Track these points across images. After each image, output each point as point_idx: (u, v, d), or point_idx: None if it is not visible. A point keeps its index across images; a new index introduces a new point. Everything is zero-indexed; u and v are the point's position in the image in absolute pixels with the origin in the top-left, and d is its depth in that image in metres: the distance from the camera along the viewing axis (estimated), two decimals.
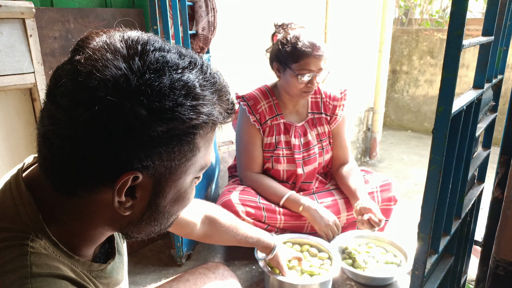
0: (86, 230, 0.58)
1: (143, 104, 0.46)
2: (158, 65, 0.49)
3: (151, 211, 0.57)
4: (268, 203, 1.63)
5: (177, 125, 0.49)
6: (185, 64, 0.51)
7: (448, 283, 1.06)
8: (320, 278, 1.33)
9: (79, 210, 0.55)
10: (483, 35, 0.94)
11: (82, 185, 0.52)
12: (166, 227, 0.64)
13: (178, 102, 0.48)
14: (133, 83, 0.46)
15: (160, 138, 0.49)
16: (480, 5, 4.89)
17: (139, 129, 0.47)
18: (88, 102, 0.46)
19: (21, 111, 1.28)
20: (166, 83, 0.48)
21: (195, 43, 1.83)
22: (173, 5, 1.57)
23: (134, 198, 0.54)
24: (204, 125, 0.53)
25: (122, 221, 0.57)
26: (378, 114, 3.53)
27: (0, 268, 0.48)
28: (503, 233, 0.80)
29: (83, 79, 0.46)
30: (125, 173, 0.50)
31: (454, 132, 0.81)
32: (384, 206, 1.69)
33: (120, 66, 0.47)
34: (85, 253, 0.61)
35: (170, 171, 0.53)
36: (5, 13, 1.13)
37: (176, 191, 0.57)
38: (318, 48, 1.54)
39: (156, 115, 0.47)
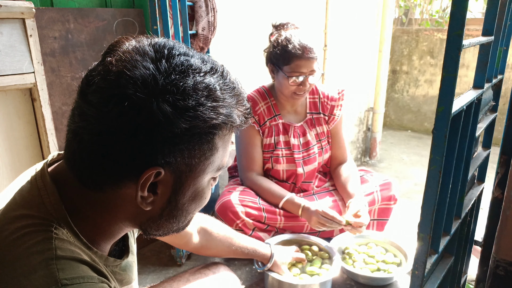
0: (107, 224, 0.60)
1: (168, 102, 0.50)
2: (183, 67, 0.53)
3: (170, 207, 0.59)
4: (268, 204, 1.63)
5: (198, 123, 0.52)
6: (207, 69, 0.55)
7: (448, 283, 1.06)
8: (320, 278, 1.33)
9: (102, 204, 0.57)
10: (483, 35, 0.94)
11: (108, 178, 0.54)
12: (184, 225, 0.66)
13: (200, 102, 0.52)
14: (160, 82, 0.50)
15: (183, 135, 0.52)
16: (480, 5, 4.89)
17: (163, 125, 0.50)
18: (117, 98, 0.50)
19: (21, 111, 1.28)
20: (190, 84, 0.52)
21: (195, 43, 1.83)
22: (173, 5, 1.57)
23: (155, 194, 0.56)
24: (223, 126, 0.56)
25: (142, 217, 0.60)
26: (378, 114, 3.53)
27: (27, 249, 0.51)
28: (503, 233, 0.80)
29: (114, 77, 0.50)
30: (149, 169, 0.52)
31: (454, 132, 0.81)
32: (384, 205, 1.69)
33: (149, 66, 0.51)
34: (103, 247, 0.63)
35: (190, 169, 0.56)
36: (5, 13, 1.13)
37: (194, 189, 0.60)
38: (308, 50, 1.53)
39: (180, 113, 0.51)
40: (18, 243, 0.52)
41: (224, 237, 1.15)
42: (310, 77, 1.57)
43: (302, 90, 1.59)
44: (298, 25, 1.70)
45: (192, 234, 1.05)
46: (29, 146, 1.31)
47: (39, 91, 1.26)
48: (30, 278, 0.48)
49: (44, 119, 1.29)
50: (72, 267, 0.51)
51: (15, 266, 0.50)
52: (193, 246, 1.08)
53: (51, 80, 1.58)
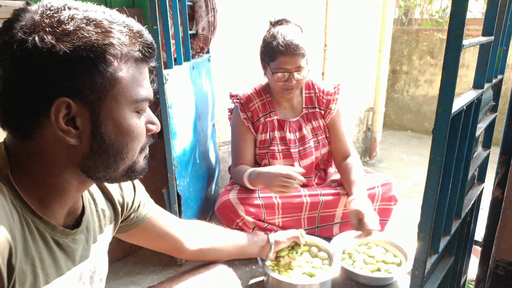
0: (50, 176, 0.63)
1: (47, 32, 0.56)
2: (59, 6, 0.59)
3: (97, 141, 0.62)
4: (266, 197, 1.62)
5: (83, 45, 0.56)
6: (89, 8, 0.60)
7: (448, 283, 1.06)
8: (320, 278, 1.33)
9: (37, 153, 0.61)
10: (483, 35, 0.94)
11: (27, 121, 0.59)
12: (128, 166, 0.68)
13: (80, 27, 0.57)
14: (37, 18, 0.57)
15: (72, 59, 0.56)
16: (480, 5, 4.89)
17: (49, 52, 0.55)
18: (7, 43, 0.56)
19: None
20: (65, 14, 0.57)
21: (195, 43, 1.83)
22: (173, 5, 1.57)
23: (77, 128, 0.60)
24: (118, 52, 0.59)
25: (76, 157, 0.63)
26: (378, 114, 3.53)
27: None
28: (503, 233, 0.80)
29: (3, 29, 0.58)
30: (55, 100, 0.57)
31: (454, 132, 0.81)
32: (384, 205, 1.69)
33: (30, 14, 0.58)
34: (56, 212, 0.66)
35: (99, 98, 0.60)
36: (5, 13, 1.13)
37: (114, 120, 0.62)
38: (293, 47, 1.53)
39: (60, 37, 0.56)
40: None
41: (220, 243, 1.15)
42: (296, 73, 1.57)
43: (289, 86, 1.59)
44: (298, 24, 1.71)
45: (182, 241, 1.05)
46: None
47: None
48: None
49: None
50: None
51: None
52: (187, 254, 1.08)
53: None
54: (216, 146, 2.16)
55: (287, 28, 1.61)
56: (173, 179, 1.55)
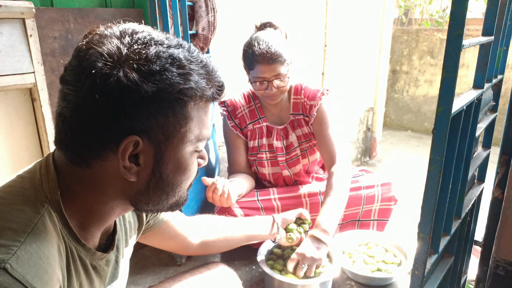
0: (97, 203, 0.62)
1: (133, 68, 0.54)
2: (145, 40, 0.57)
3: (155, 179, 0.62)
4: (265, 200, 1.62)
5: (165, 87, 0.55)
6: (171, 43, 0.59)
7: (448, 283, 1.06)
8: (320, 278, 1.33)
9: (91, 180, 0.60)
10: (483, 35, 0.94)
11: (91, 151, 0.58)
12: (175, 201, 0.68)
13: (165, 68, 0.55)
14: (124, 52, 0.55)
15: (152, 100, 0.55)
16: (480, 5, 4.88)
17: (131, 90, 0.54)
18: (88, 72, 0.54)
19: (21, 111, 1.28)
20: (152, 52, 0.56)
21: (195, 43, 1.83)
22: (173, 5, 1.57)
23: (138, 165, 0.59)
24: (194, 94, 0.59)
25: (130, 191, 0.62)
26: (378, 114, 3.53)
27: (12, 208, 0.55)
28: (503, 233, 0.80)
29: (83, 54, 0.55)
30: (126, 137, 0.56)
31: (454, 132, 0.81)
32: (384, 205, 1.69)
33: (114, 42, 0.56)
34: (93, 234, 0.66)
35: (167, 138, 0.59)
36: (5, 13, 1.13)
37: (176, 160, 0.62)
38: (269, 55, 1.45)
39: (145, 77, 0.54)
40: (8, 201, 0.56)
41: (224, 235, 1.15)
42: (276, 81, 1.50)
43: (270, 94, 1.53)
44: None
45: (186, 237, 1.05)
46: (29, 146, 1.31)
47: (39, 91, 1.26)
48: None
49: (44, 119, 1.29)
50: (39, 247, 0.53)
51: None
52: (193, 249, 1.08)
53: (51, 80, 1.58)
54: (216, 146, 2.16)
55: (267, 34, 1.52)
56: None
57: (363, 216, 1.70)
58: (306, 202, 1.64)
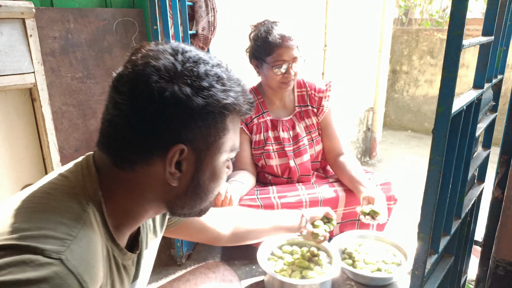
0: (135, 204, 0.67)
1: (187, 84, 0.60)
2: (195, 59, 0.63)
3: (194, 185, 0.67)
4: (265, 198, 1.62)
5: (212, 102, 0.61)
6: (214, 63, 0.65)
7: (448, 283, 1.06)
8: (320, 278, 1.33)
9: (133, 183, 0.64)
10: (483, 35, 0.94)
11: (140, 156, 0.62)
12: (205, 206, 0.73)
13: (212, 84, 0.62)
14: (179, 68, 0.61)
15: (200, 113, 0.61)
16: (480, 5, 4.89)
17: (184, 103, 0.59)
18: (145, 84, 0.59)
19: (21, 111, 1.28)
20: (202, 70, 0.62)
21: (195, 43, 1.83)
22: (173, 5, 1.57)
23: (181, 171, 0.64)
24: (233, 109, 0.64)
25: (169, 195, 0.67)
26: (378, 114, 3.53)
27: (62, 204, 0.59)
28: (503, 233, 0.80)
29: (141, 68, 0.60)
30: (175, 145, 0.61)
31: (454, 132, 0.81)
32: None
33: (169, 58, 0.61)
34: (125, 235, 0.69)
35: (208, 147, 0.64)
36: (5, 13, 1.13)
37: (212, 168, 0.67)
38: (288, 38, 1.58)
39: (197, 92, 0.60)
40: (56, 197, 0.60)
41: (254, 226, 1.18)
42: (293, 64, 1.60)
43: (288, 78, 1.62)
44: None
45: (215, 229, 1.08)
46: (29, 146, 1.31)
47: (39, 91, 1.26)
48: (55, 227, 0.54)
49: (44, 119, 1.29)
50: (88, 242, 0.56)
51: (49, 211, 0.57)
52: (224, 240, 1.12)
53: (51, 80, 1.58)
54: None
55: (276, 23, 1.65)
56: None
57: None
58: (306, 201, 1.64)
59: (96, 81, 1.71)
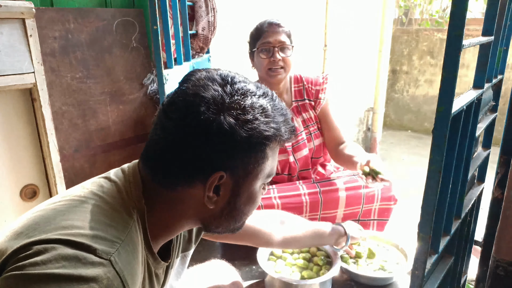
0: (173, 219, 0.70)
1: (233, 116, 0.62)
2: (243, 91, 0.65)
3: (229, 208, 0.70)
4: (265, 198, 1.62)
5: (255, 134, 0.63)
6: (261, 93, 0.68)
7: (448, 283, 1.06)
8: (320, 278, 1.33)
9: (173, 201, 0.68)
10: (483, 35, 0.94)
11: (182, 179, 0.65)
12: (239, 225, 0.76)
13: (256, 117, 0.64)
14: (226, 101, 0.63)
15: (243, 144, 0.63)
16: (480, 5, 4.89)
17: (229, 134, 0.62)
18: (194, 114, 0.62)
19: (21, 111, 1.28)
20: (248, 103, 0.64)
21: (195, 43, 1.83)
22: (173, 5, 1.57)
23: (218, 195, 0.67)
24: (273, 138, 0.66)
25: (205, 215, 0.70)
26: (378, 114, 3.53)
27: (111, 207, 0.62)
28: (503, 233, 0.80)
29: (191, 98, 0.63)
30: (216, 172, 0.63)
31: (454, 132, 0.81)
32: (384, 205, 1.69)
33: (217, 89, 0.64)
34: (159, 245, 0.73)
35: (246, 175, 0.67)
36: (5, 13, 1.13)
37: (249, 193, 0.70)
38: (275, 24, 1.66)
39: (241, 125, 0.63)
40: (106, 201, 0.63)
41: (300, 233, 1.22)
42: (281, 49, 1.64)
43: (275, 64, 1.64)
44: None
45: (271, 234, 1.13)
46: (29, 146, 1.31)
47: (39, 91, 1.26)
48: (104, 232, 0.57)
49: (44, 119, 1.29)
50: (129, 253, 0.59)
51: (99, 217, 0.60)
52: (274, 245, 1.17)
53: (51, 80, 1.58)
54: None
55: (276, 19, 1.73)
56: None
57: (363, 216, 1.70)
58: (306, 201, 1.64)
59: (96, 81, 1.71)
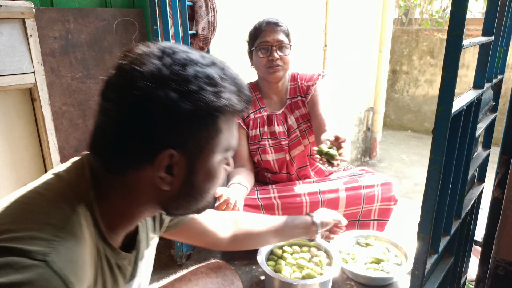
0: (129, 206, 0.66)
1: (173, 89, 0.57)
2: (185, 61, 0.60)
3: (187, 187, 0.65)
4: (265, 198, 1.62)
5: (202, 106, 0.58)
6: (207, 62, 0.62)
7: (448, 283, 1.06)
8: (320, 278, 1.33)
9: (125, 187, 0.64)
10: (483, 35, 0.94)
11: (129, 162, 0.61)
12: (203, 205, 0.72)
13: (201, 87, 0.59)
14: (165, 73, 0.58)
15: (189, 118, 0.58)
16: (480, 5, 4.89)
17: (171, 109, 0.57)
18: (130, 91, 0.57)
19: (21, 111, 1.28)
20: (191, 73, 0.59)
21: (195, 43, 1.83)
22: (173, 5, 1.57)
23: (172, 175, 0.62)
24: (225, 110, 0.61)
25: (162, 198, 0.66)
26: (378, 114, 3.53)
27: (51, 205, 0.59)
28: (503, 233, 0.80)
29: (126, 74, 0.59)
30: (163, 151, 0.59)
31: (454, 132, 0.81)
32: (384, 206, 1.69)
33: (155, 62, 0.59)
34: (119, 235, 0.69)
35: (200, 150, 0.63)
36: (5, 13, 1.13)
37: (206, 169, 0.65)
38: (273, 23, 1.67)
39: (184, 97, 0.57)
40: (46, 197, 0.60)
41: (256, 228, 1.14)
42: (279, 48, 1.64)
43: (273, 62, 1.64)
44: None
45: (216, 233, 1.06)
46: (29, 146, 1.31)
47: (39, 91, 1.26)
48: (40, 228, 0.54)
49: (44, 119, 1.29)
50: (74, 244, 0.56)
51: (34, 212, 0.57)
52: (224, 245, 1.09)
53: (51, 80, 1.58)
54: None
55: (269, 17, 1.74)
56: None
57: (363, 216, 1.70)
58: (306, 201, 1.64)
59: (96, 81, 1.71)
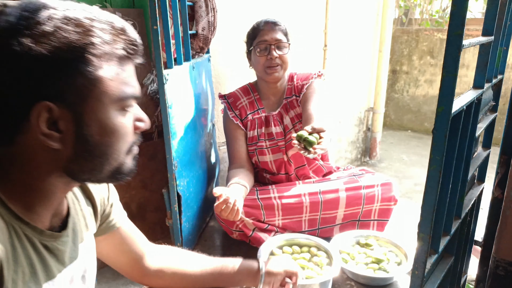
0: (34, 179, 0.62)
1: (24, 35, 0.53)
2: (35, 7, 0.55)
3: (81, 143, 0.60)
4: (265, 198, 1.62)
5: (62, 46, 0.54)
6: (69, 7, 0.57)
7: (448, 283, 1.06)
8: (320, 278, 1.33)
9: (19, 156, 0.60)
10: (483, 35, 0.94)
11: (8, 126, 0.57)
12: (114, 167, 0.66)
13: (59, 27, 0.54)
14: (12, 21, 0.54)
15: (51, 62, 0.54)
16: (480, 5, 4.89)
17: (28, 56, 0.52)
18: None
19: None
20: (44, 15, 0.54)
21: (195, 43, 1.83)
22: (173, 5, 1.57)
23: (60, 132, 0.58)
24: (99, 51, 0.57)
25: (60, 161, 0.61)
26: (378, 114, 3.53)
27: None
28: (503, 233, 0.80)
29: None
30: (36, 104, 0.55)
31: (454, 132, 0.81)
32: (384, 206, 1.69)
33: (5, 17, 0.54)
34: (42, 215, 0.65)
35: (82, 99, 0.58)
36: None
37: (99, 121, 0.60)
38: (271, 22, 1.67)
39: (38, 40, 0.53)
40: None
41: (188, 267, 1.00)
42: (277, 47, 1.64)
43: (271, 62, 1.64)
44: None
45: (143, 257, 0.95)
46: None
47: None
48: None
49: None
50: None
51: None
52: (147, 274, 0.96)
53: None
54: (216, 146, 2.16)
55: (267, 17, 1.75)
56: (173, 179, 1.55)
57: (363, 216, 1.70)
58: (306, 201, 1.64)
59: None
